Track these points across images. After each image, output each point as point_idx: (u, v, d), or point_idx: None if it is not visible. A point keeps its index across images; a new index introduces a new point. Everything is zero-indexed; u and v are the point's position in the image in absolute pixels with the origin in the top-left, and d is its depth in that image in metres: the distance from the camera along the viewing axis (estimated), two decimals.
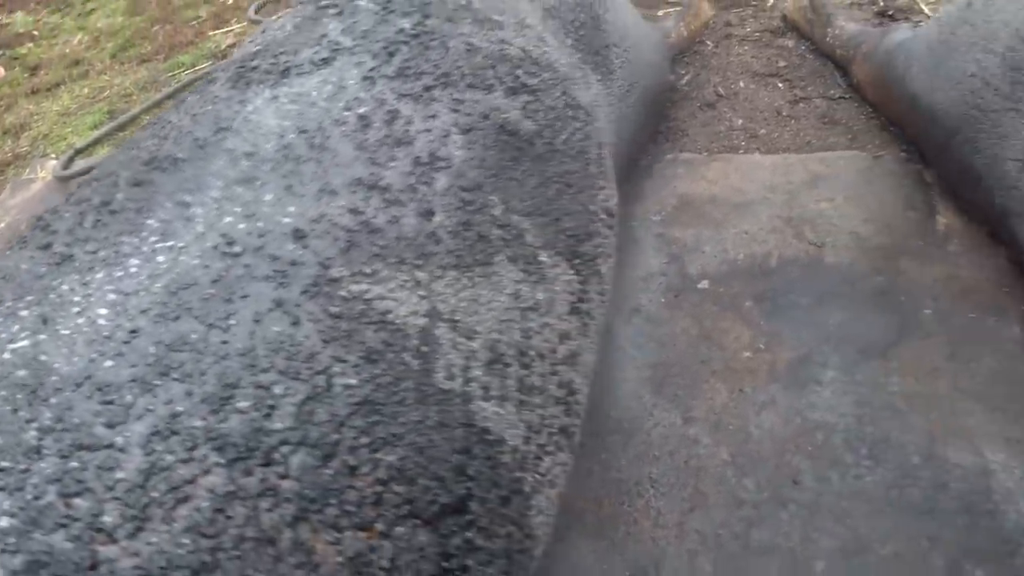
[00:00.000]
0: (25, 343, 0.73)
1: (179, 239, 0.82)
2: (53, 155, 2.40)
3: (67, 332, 0.74)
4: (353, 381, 0.74)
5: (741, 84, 1.90)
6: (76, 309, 0.76)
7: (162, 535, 0.62)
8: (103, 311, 0.75)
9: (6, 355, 0.73)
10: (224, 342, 0.72)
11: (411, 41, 1.07)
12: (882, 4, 2.10)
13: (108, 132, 2.38)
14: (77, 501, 0.62)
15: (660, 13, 2.23)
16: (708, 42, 2.05)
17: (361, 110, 0.96)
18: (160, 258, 0.81)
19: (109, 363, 0.70)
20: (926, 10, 2.04)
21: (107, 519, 0.62)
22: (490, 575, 0.79)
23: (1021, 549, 1.16)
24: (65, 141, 2.46)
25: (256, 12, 2.86)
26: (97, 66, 2.93)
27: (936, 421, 1.28)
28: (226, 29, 2.94)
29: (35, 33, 3.46)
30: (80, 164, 2.27)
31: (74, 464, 0.64)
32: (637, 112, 1.59)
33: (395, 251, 0.85)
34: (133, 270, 0.80)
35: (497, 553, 0.79)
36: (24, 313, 0.77)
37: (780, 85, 1.90)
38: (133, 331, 0.73)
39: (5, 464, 0.64)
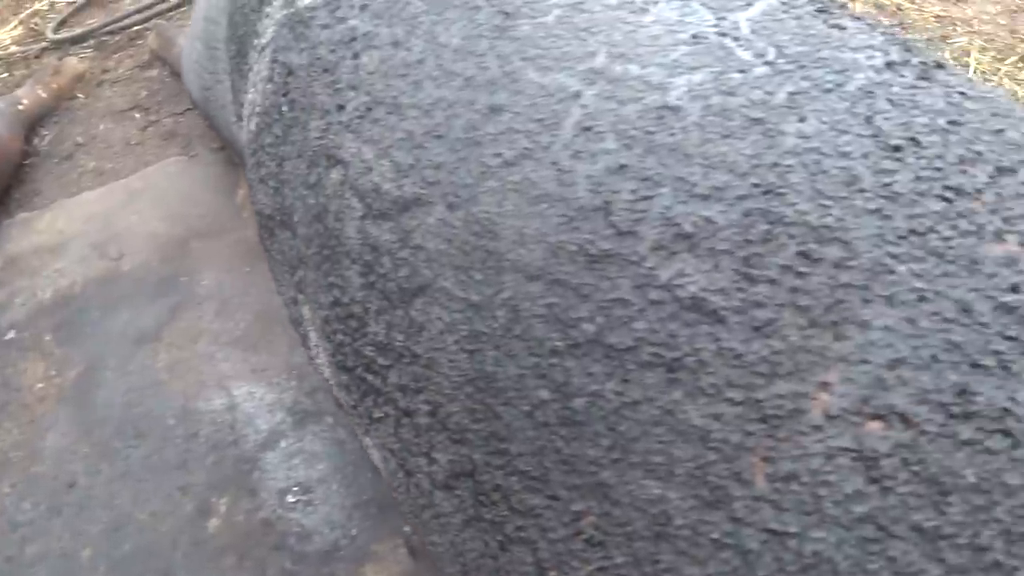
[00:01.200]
0: None
1: None
2: None
3: None
4: None
5: (102, 127, 2.00)
6: None
7: None
8: None
9: None
10: None
11: None
12: None
13: None
14: None
15: None
16: (80, 94, 2.13)
17: None
18: None
19: None
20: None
21: None
22: None
23: (258, 462, 1.31)
24: None
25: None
26: None
27: (193, 380, 1.41)
28: None
29: None
30: None
31: None
32: None
33: None
34: None
35: None
36: None
37: (137, 116, 2.01)
38: None
39: None
